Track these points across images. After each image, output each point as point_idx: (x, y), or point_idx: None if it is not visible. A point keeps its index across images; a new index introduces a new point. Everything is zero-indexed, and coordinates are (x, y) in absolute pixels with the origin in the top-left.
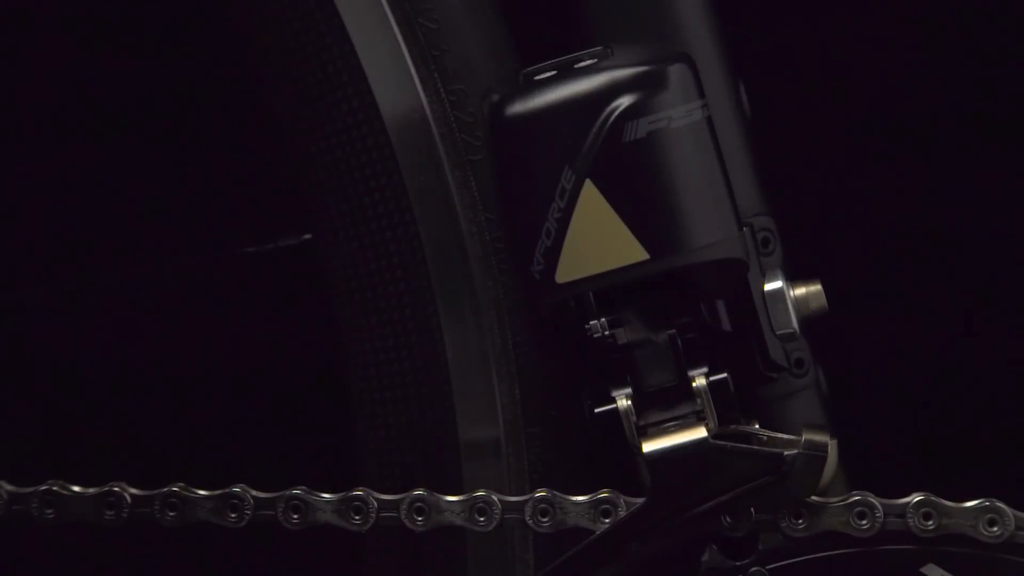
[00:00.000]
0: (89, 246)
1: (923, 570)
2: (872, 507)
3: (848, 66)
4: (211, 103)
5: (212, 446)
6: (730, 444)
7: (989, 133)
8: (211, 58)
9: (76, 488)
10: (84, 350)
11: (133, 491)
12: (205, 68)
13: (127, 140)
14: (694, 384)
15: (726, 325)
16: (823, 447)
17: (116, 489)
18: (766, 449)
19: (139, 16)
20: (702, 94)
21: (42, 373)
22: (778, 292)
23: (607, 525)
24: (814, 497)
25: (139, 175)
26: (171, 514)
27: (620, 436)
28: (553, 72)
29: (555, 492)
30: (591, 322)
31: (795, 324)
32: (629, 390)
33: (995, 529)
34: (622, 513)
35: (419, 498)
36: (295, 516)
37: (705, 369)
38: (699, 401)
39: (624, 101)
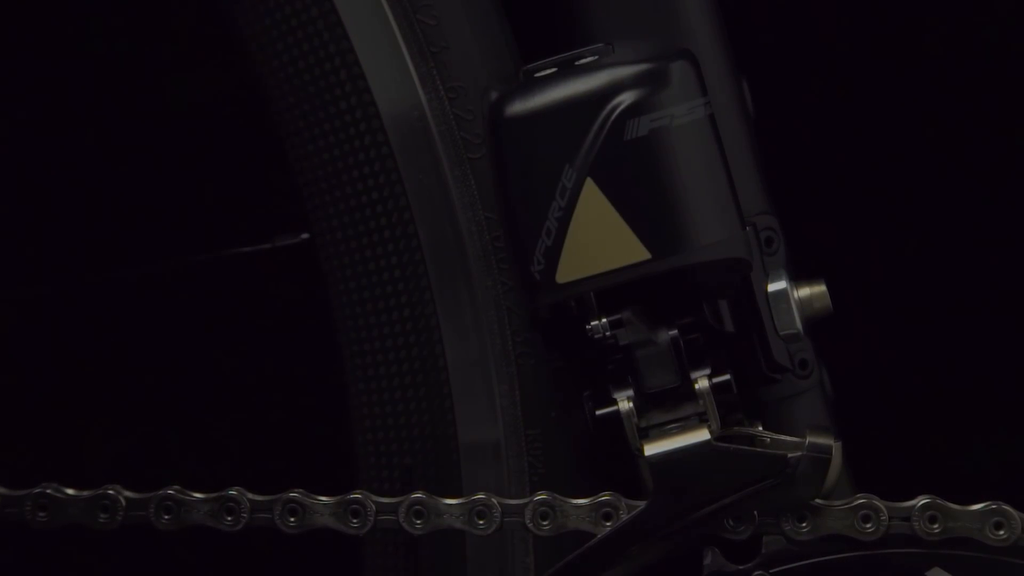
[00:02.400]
0: (86, 246)
1: (928, 574)
2: (877, 510)
3: (852, 64)
4: (208, 102)
5: (208, 448)
6: (733, 446)
7: (992, 132)
8: (208, 57)
9: (70, 491)
10: (80, 350)
11: (128, 494)
12: (202, 67)
13: (125, 140)
14: (696, 385)
15: (729, 325)
16: (827, 449)
17: (111, 492)
18: (769, 451)
19: (137, 15)
20: (704, 91)
21: (38, 373)
22: (782, 292)
23: (608, 528)
24: (818, 500)
25: (137, 175)
26: (166, 517)
27: (621, 438)
28: (553, 69)
29: (555, 495)
30: (592, 323)
31: (799, 324)
32: (631, 391)
33: (1001, 532)
34: (623, 516)
35: (418, 501)
36: (292, 519)
37: (708, 370)
38: (701, 402)
39: (625, 99)
